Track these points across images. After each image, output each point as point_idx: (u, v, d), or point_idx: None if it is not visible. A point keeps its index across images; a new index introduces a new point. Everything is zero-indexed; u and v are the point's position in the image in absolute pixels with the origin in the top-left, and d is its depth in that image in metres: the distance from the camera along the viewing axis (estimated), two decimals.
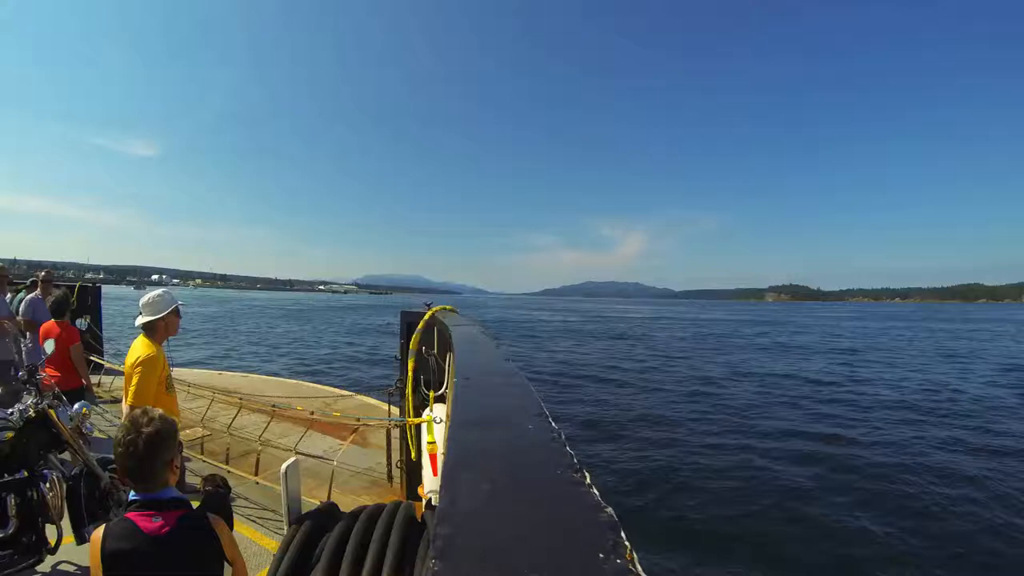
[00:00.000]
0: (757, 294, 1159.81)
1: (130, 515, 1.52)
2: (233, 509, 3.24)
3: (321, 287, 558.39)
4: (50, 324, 5.06)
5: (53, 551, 3.03)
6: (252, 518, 4.45)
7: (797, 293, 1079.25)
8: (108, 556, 1.44)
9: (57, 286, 7.21)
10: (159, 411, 1.62)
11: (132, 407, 2.78)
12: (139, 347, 2.98)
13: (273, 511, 4.51)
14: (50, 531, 3.02)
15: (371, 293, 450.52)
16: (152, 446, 1.51)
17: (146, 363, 2.88)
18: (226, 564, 1.65)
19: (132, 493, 1.57)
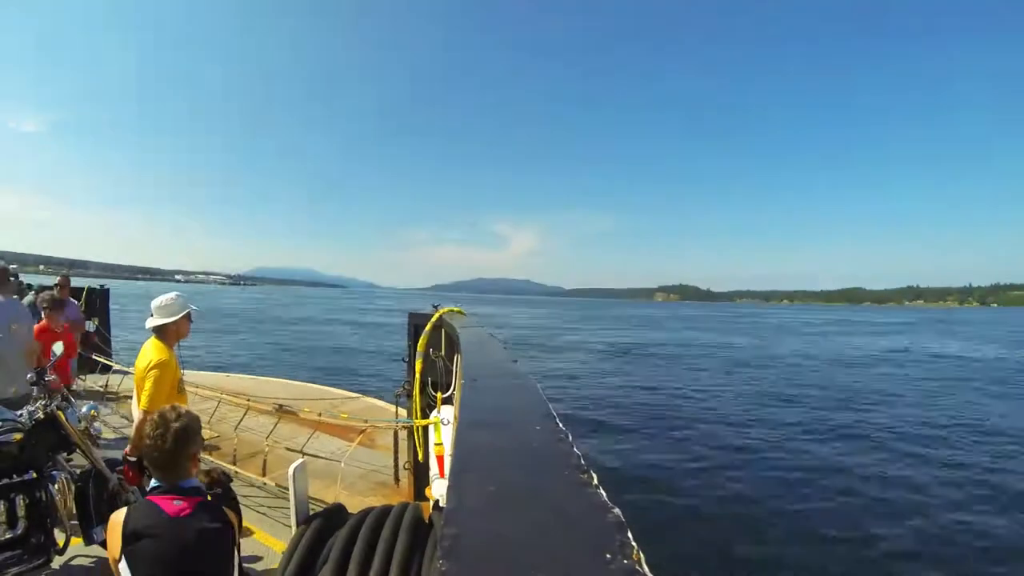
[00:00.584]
0: (647, 293, 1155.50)
1: (152, 498, 1.63)
2: (241, 509, 3.26)
3: (178, 277, 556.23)
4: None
5: (61, 552, 3.05)
6: (261, 516, 4.48)
7: (686, 293, 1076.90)
8: (130, 534, 1.52)
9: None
10: (185, 408, 1.77)
11: (146, 412, 2.77)
12: (152, 350, 2.95)
13: (281, 512, 4.53)
14: (58, 532, 3.05)
15: (241, 285, 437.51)
16: (180, 439, 1.67)
17: (160, 367, 2.87)
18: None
19: (153, 481, 1.69)
